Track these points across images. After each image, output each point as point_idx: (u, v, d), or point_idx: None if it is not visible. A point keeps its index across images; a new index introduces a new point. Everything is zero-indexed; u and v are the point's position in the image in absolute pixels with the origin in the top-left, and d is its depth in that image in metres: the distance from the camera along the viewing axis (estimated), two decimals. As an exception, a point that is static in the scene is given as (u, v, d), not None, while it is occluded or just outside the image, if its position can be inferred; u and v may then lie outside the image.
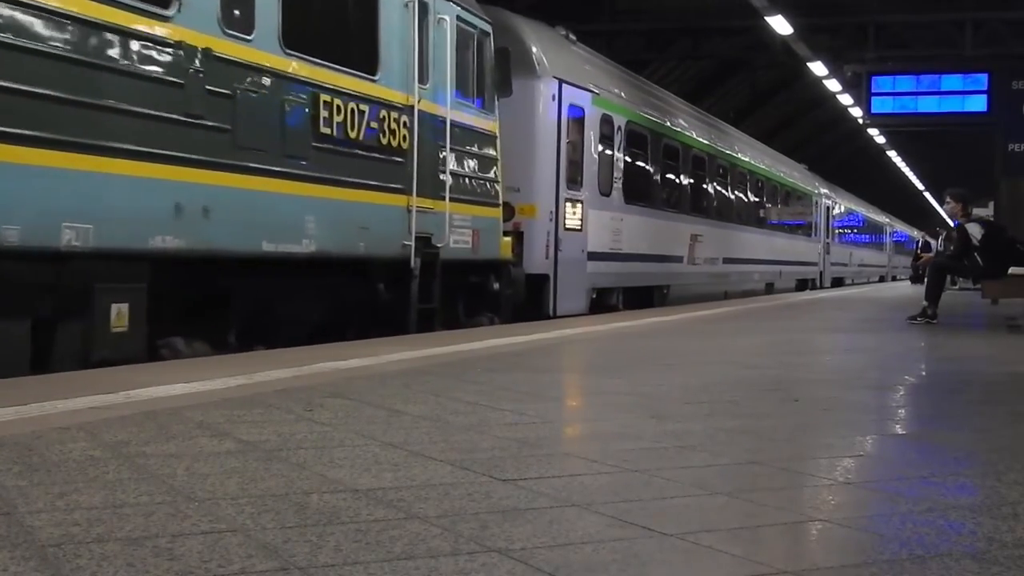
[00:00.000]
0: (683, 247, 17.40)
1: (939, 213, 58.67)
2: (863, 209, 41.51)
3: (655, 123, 16.08)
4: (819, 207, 29.97)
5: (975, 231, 11.69)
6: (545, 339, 8.14)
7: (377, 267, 8.56)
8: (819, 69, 24.86)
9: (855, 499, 2.80)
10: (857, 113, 25.85)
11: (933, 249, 29.98)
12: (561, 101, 12.31)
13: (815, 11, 22.97)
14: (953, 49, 23.04)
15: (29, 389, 4.40)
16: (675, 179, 17.19)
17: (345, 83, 7.92)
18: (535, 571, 2.01)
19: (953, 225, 13.95)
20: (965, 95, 19.65)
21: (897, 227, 54.52)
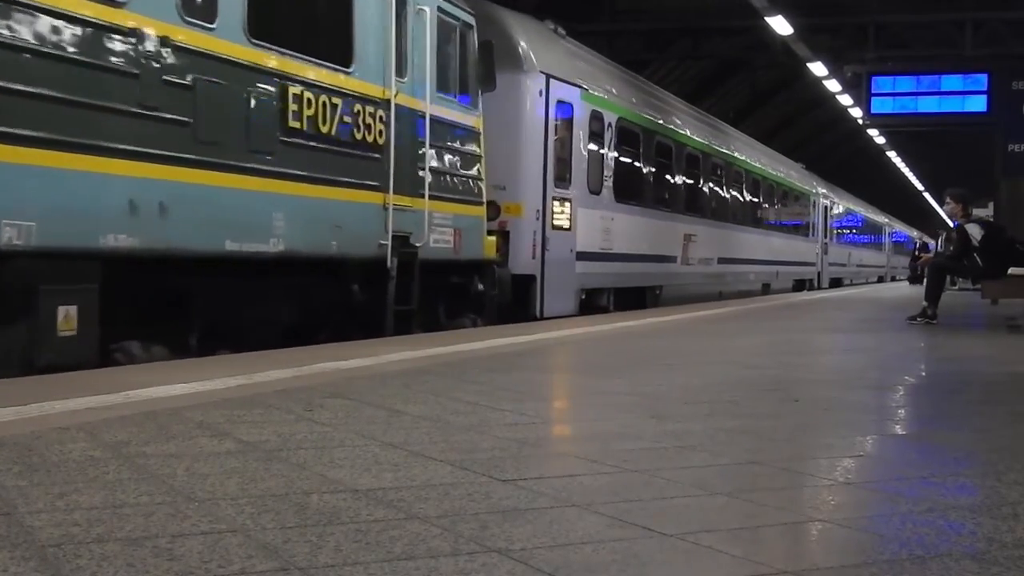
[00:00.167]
0: (676, 247, 17.19)
1: (939, 213, 58.73)
2: (862, 209, 41.47)
3: (647, 120, 15.81)
4: (817, 207, 29.91)
5: (975, 231, 11.70)
6: (545, 339, 8.14)
7: (352, 267, 8.23)
8: (819, 69, 24.87)
9: (855, 499, 2.81)
10: (857, 113, 25.85)
11: (931, 250, 30.00)
12: (549, 97, 12.03)
13: (815, 11, 23.00)
14: (953, 49, 23.06)
15: (29, 389, 4.39)
16: (668, 178, 16.94)
17: (316, 75, 7.59)
18: (535, 571, 2.01)
19: (953, 225, 13.94)
20: (965, 95, 19.63)
21: (896, 227, 54.54)
